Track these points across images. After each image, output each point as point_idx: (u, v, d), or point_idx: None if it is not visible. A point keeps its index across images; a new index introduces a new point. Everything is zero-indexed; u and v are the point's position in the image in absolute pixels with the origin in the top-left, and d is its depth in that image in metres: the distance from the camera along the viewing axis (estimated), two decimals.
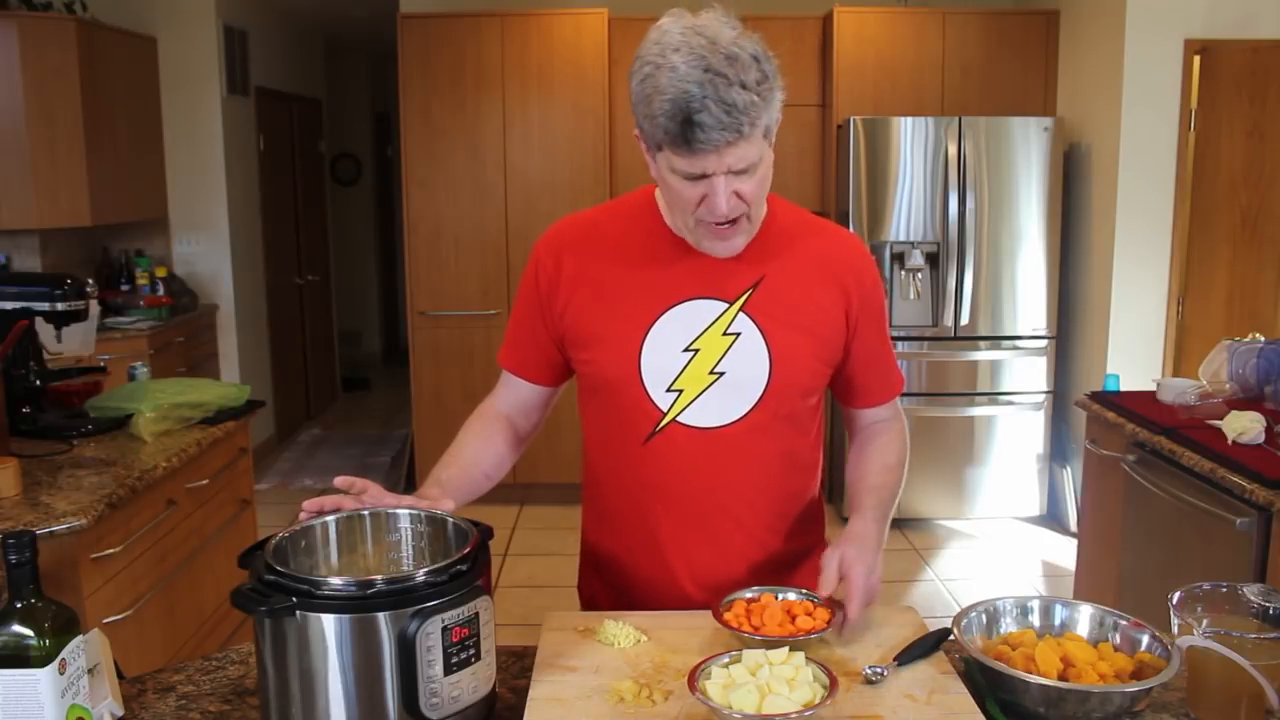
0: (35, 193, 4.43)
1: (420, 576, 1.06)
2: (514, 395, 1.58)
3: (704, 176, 1.29)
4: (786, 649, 1.17)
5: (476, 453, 1.50)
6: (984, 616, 1.27)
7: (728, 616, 1.30)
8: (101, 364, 3.15)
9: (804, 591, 1.35)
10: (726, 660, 1.18)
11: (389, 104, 8.47)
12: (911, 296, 4.64)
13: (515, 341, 1.56)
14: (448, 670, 1.06)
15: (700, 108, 1.22)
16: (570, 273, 1.47)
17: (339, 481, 1.28)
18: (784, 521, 1.51)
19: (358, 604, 1.04)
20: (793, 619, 1.29)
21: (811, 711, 1.07)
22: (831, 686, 1.11)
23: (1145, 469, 2.83)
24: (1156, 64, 4.30)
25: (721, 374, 1.42)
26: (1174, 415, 2.86)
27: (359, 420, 7.19)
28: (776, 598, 1.34)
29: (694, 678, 1.14)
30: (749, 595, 1.35)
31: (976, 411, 4.75)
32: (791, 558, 1.53)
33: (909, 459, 1.59)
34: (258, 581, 1.08)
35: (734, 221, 1.34)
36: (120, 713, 1.20)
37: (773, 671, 1.13)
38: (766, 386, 1.42)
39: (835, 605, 1.31)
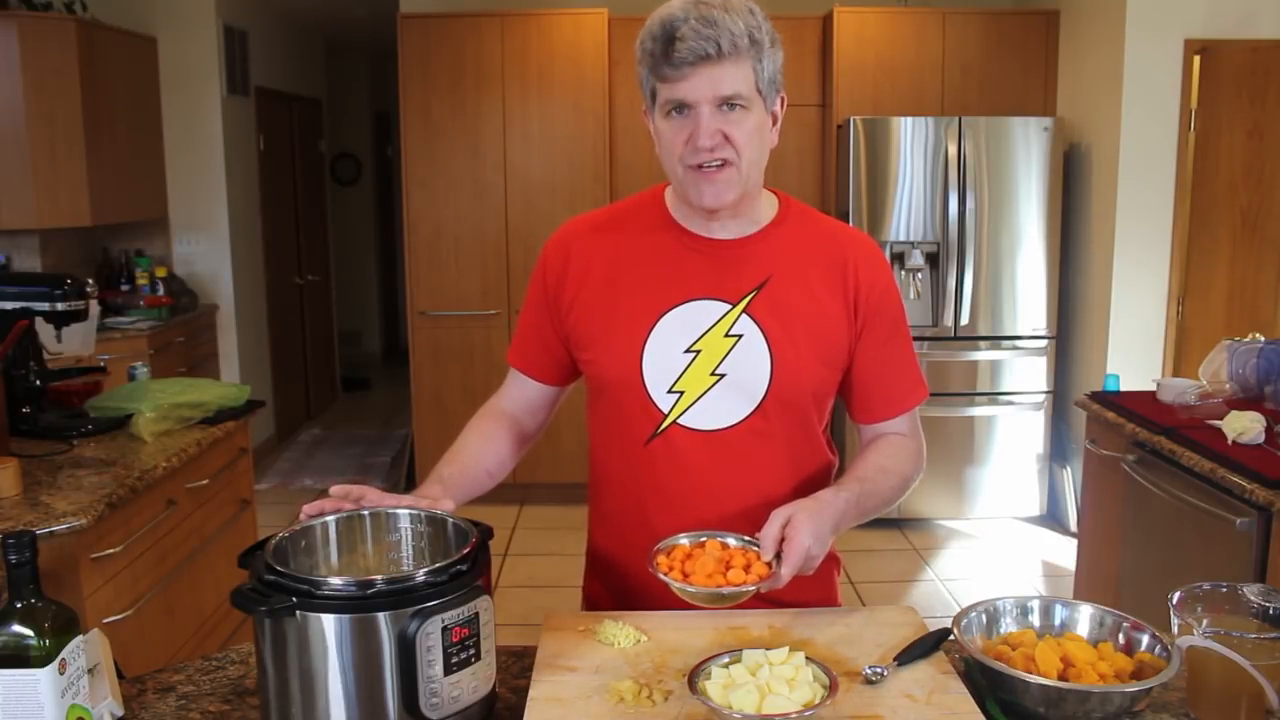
0: (35, 193, 4.43)
1: (420, 576, 1.06)
2: (520, 394, 1.58)
3: (688, 107, 1.31)
4: (786, 649, 1.17)
5: (479, 450, 1.50)
6: (984, 616, 1.27)
7: (660, 560, 1.30)
8: (101, 364, 3.15)
9: (747, 539, 1.31)
10: (726, 660, 1.18)
11: (389, 104, 8.47)
12: (911, 296, 4.64)
13: (523, 340, 1.56)
14: (448, 670, 1.06)
15: (681, 24, 1.28)
16: (577, 272, 1.47)
17: (335, 490, 1.27)
18: None
19: (358, 604, 1.04)
20: (726, 570, 1.27)
21: (811, 711, 1.07)
22: (832, 687, 1.11)
23: (1145, 469, 2.83)
24: (1156, 64, 4.30)
25: (722, 376, 1.41)
26: (1174, 415, 2.86)
27: (359, 420, 7.19)
28: (721, 544, 1.32)
29: (694, 678, 1.14)
30: (686, 541, 1.33)
31: (976, 411, 4.76)
32: None
33: (916, 479, 1.51)
34: (258, 581, 1.08)
35: (721, 165, 1.34)
36: (120, 713, 1.20)
37: (773, 671, 1.13)
38: (768, 390, 1.41)
39: (776, 562, 1.27)
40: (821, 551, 1.29)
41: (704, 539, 1.34)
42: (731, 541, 1.32)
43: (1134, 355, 4.43)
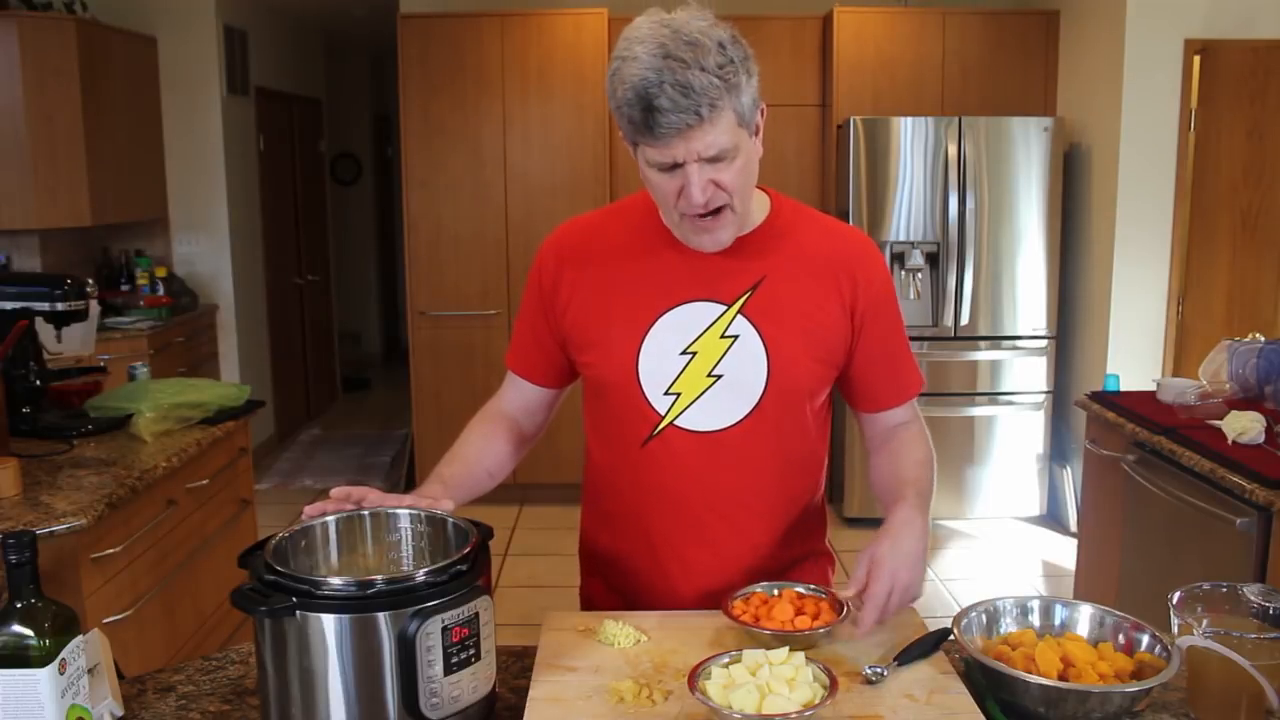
0: (35, 193, 4.43)
1: (420, 576, 1.06)
2: (519, 396, 1.58)
3: (677, 166, 1.28)
4: (786, 649, 1.17)
5: (480, 451, 1.50)
6: (984, 616, 1.27)
7: (736, 606, 1.32)
8: (101, 364, 3.15)
9: (814, 588, 1.35)
10: (726, 660, 1.18)
11: (389, 104, 8.47)
12: (911, 296, 4.64)
13: (520, 343, 1.56)
14: (448, 670, 1.06)
15: (658, 93, 1.22)
16: (571, 276, 1.47)
17: (335, 492, 1.27)
18: (782, 526, 1.49)
19: (358, 604, 1.04)
20: (797, 615, 1.30)
21: (811, 711, 1.07)
22: (832, 687, 1.11)
23: (1145, 469, 2.83)
24: (1156, 64, 4.30)
25: (720, 377, 1.41)
26: (1174, 415, 2.85)
27: (359, 420, 7.19)
28: (796, 594, 1.34)
29: (694, 678, 1.14)
30: (761, 590, 1.36)
31: (976, 411, 4.75)
32: (789, 562, 1.51)
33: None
34: (258, 581, 1.08)
35: (716, 213, 1.33)
36: (120, 713, 1.20)
37: (773, 671, 1.13)
38: (765, 389, 1.41)
39: (851, 603, 1.30)
40: (915, 576, 1.31)
41: (778, 589, 1.36)
42: (800, 590, 1.35)
43: (1134, 355, 4.42)
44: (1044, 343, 4.72)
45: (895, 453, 1.51)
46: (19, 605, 1.09)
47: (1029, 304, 4.69)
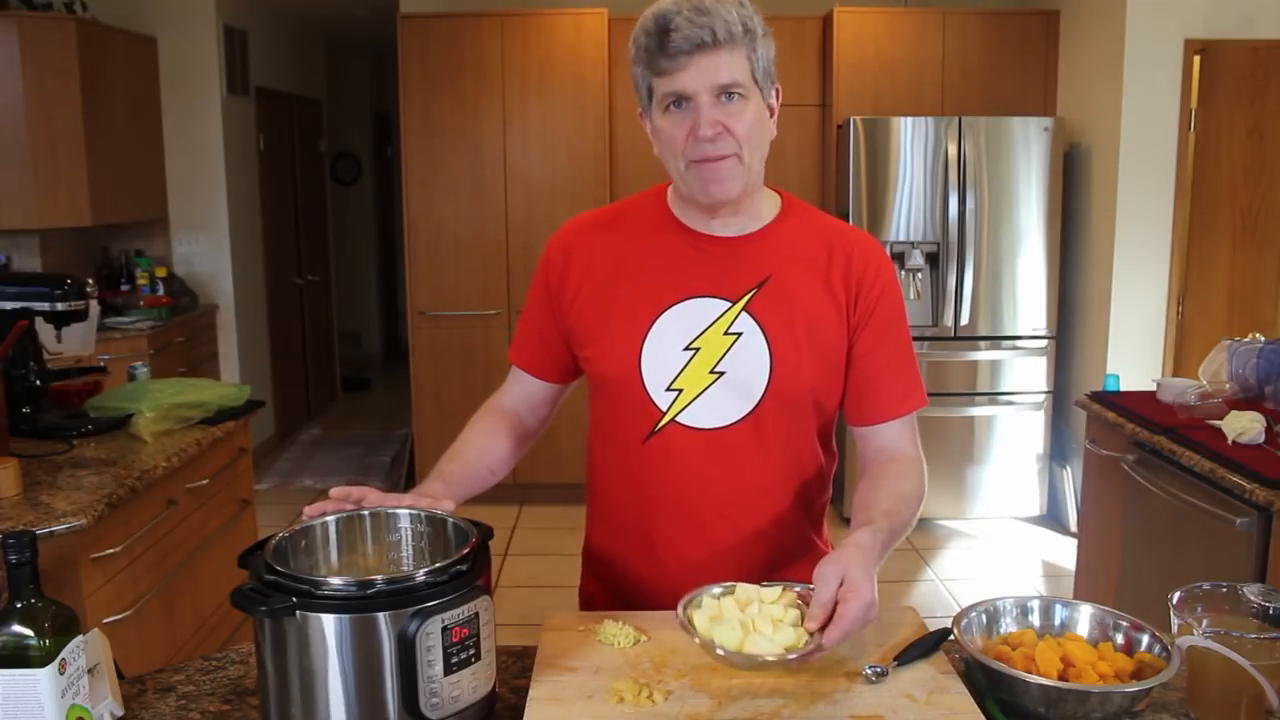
0: (35, 193, 4.43)
1: (420, 576, 1.06)
2: (522, 392, 1.58)
3: (687, 99, 1.31)
4: (780, 588, 1.21)
5: (482, 448, 1.50)
6: (984, 616, 1.27)
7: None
8: (101, 364, 3.15)
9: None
10: (719, 591, 1.22)
11: (389, 104, 8.47)
12: (911, 296, 4.64)
13: (525, 338, 1.56)
14: (448, 670, 1.06)
15: (674, 14, 1.29)
16: (578, 270, 1.47)
17: (335, 492, 1.27)
18: (782, 527, 1.47)
19: (358, 604, 1.04)
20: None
21: (794, 656, 1.11)
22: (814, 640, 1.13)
23: (1145, 469, 2.83)
24: (1156, 64, 4.30)
25: (722, 374, 1.40)
26: (1174, 415, 2.85)
27: (359, 420, 7.19)
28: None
29: (686, 605, 1.18)
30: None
31: (976, 411, 4.75)
32: (789, 562, 1.49)
33: (924, 499, 1.44)
34: (258, 581, 1.08)
35: (724, 158, 1.33)
36: (120, 713, 1.20)
37: (761, 610, 1.17)
38: (767, 388, 1.40)
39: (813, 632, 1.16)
40: (875, 609, 1.19)
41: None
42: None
43: (1134, 355, 4.43)
44: (1044, 343, 4.72)
45: (877, 478, 1.43)
46: (19, 605, 1.09)
47: (1029, 304, 4.69)
